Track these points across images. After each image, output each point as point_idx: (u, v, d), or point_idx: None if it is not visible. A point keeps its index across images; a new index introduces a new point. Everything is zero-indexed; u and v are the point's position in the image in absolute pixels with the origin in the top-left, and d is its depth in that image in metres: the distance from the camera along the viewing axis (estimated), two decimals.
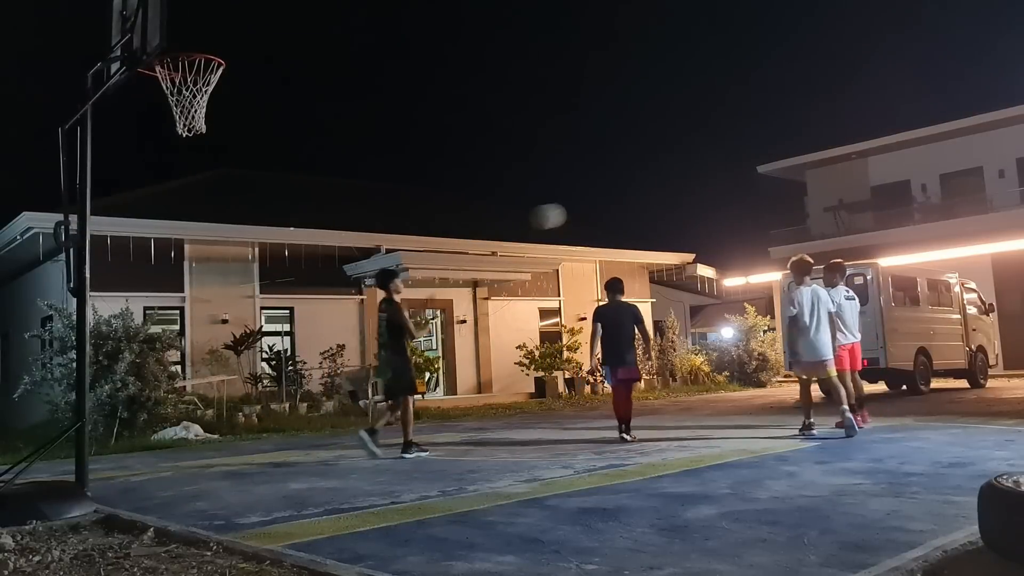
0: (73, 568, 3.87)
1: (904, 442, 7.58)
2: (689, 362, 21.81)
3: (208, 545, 4.14)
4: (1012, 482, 3.40)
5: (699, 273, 25.10)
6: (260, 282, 16.37)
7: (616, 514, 4.65)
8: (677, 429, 10.07)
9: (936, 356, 14.99)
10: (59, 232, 5.94)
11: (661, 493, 5.34)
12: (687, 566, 3.48)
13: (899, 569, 3.26)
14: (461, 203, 25.89)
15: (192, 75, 7.09)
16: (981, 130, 24.61)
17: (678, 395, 18.66)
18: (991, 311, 18.06)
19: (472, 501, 5.32)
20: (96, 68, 5.83)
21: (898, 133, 26.39)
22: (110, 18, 5.92)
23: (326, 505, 5.39)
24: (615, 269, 22.68)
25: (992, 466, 5.64)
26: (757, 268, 25.25)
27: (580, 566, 3.54)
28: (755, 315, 21.38)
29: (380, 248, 17.69)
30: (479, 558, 3.76)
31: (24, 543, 4.36)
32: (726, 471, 6.23)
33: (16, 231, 14.97)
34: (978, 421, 9.30)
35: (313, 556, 3.82)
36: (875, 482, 5.37)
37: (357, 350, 17.16)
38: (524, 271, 19.56)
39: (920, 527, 3.98)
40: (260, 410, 13.70)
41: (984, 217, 22.48)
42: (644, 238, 24.94)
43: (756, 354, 20.85)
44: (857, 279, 14.67)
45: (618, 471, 6.45)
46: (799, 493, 5.08)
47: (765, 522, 4.26)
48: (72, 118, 5.84)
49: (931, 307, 15.61)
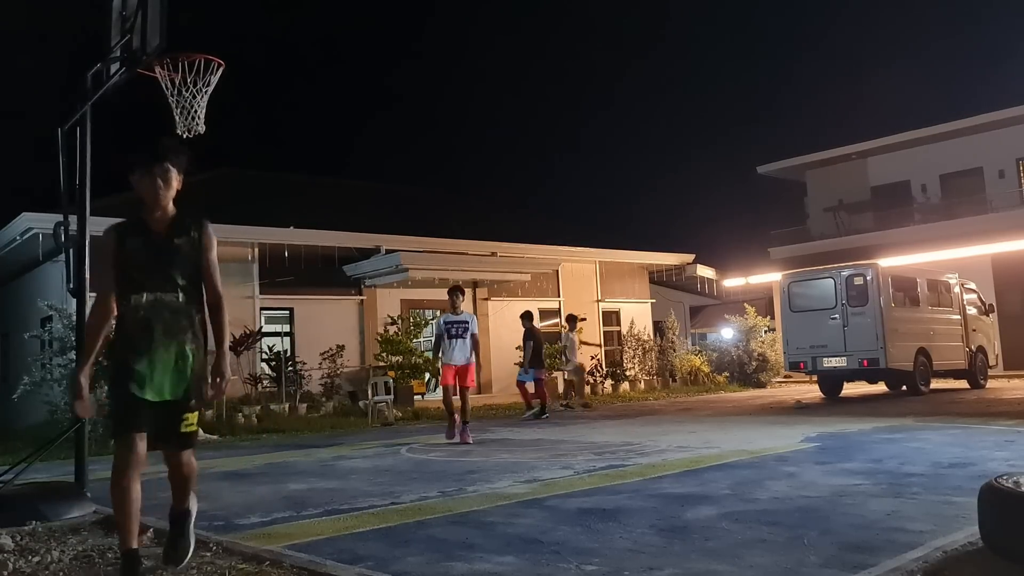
0: (73, 568, 3.86)
1: (904, 443, 7.58)
2: (689, 363, 21.81)
3: (208, 546, 4.14)
4: (1012, 483, 3.40)
5: (699, 273, 25.10)
6: (260, 282, 16.37)
7: (616, 514, 4.65)
8: (677, 429, 10.06)
9: (936, 356, 14.99)
10: (59, 232, 5.93)
11: (661, 493, 5.33)
12: (687, 567, 3.48)
13: (899, 569, 3.25)
14: (461, 203, 25.87)
15: (192, 75, 7.09)
16: (981, 130, 24.60)
17: (678, 395, 18.66)
18: (991, 311, 18.06)
19: (472, 501, 5.32)
20: (96, 68, 5.82)
21: (898, 133, 26.38)
22: (110, 18, 5.91)
23: (326, 506, 5.39)
24: (615, 269, 22.71)
25: (992, 467, 5.64)
26: (757, 268, 25.25)
27: (580, 566, 3.54)
28: (755, 316, 21.38)
29: (380, 248, 17.68)
30: (479, 558, 3.76)
31: (24, 544, 4.36)
32: (726, 471, 6.22)
33: (16, 231, 14.96)
34: (978, 422, 9.29)
35: (313, 557, 3.82)
36: (875, 483, 5.36)
37: (357, 351, 17.15)
38: (524, 271, 19.54)
39: (920, 527, 3.98)
40: (260, 411, 13.70)
41: (984, 217, 22.48)
42: (644, 238, 24.95)
43: (756, 354, 20.85)
44: (857, 279, 14.71)
45: (618, 471, 6.44)
46: (799, 494, 5.08)
47: (765, 523, 4.26)
48: (72, 118, 5.83)
49: (931, 308, 15.62)
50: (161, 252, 3.44)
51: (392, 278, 17.12)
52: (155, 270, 3.41)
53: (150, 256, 3.42)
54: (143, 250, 3.43)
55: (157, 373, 3.36)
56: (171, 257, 3.44)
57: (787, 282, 16.15)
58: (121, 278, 3.42)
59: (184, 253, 3.46)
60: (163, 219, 3.48)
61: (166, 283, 3.42)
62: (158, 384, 3.36)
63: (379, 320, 17.25)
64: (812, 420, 10.42)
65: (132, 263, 3.41)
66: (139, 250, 3.42)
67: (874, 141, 26.81)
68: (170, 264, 3.43)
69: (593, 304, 22.11)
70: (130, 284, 3.41)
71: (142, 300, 3.39)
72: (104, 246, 3.42)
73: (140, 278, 3.41)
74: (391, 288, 17.77)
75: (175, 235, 3.47)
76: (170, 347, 3.39)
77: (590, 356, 20.19)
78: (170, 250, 3.44)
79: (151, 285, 3.40)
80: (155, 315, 3.39)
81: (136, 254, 3.42)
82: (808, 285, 15.62)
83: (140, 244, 3.43)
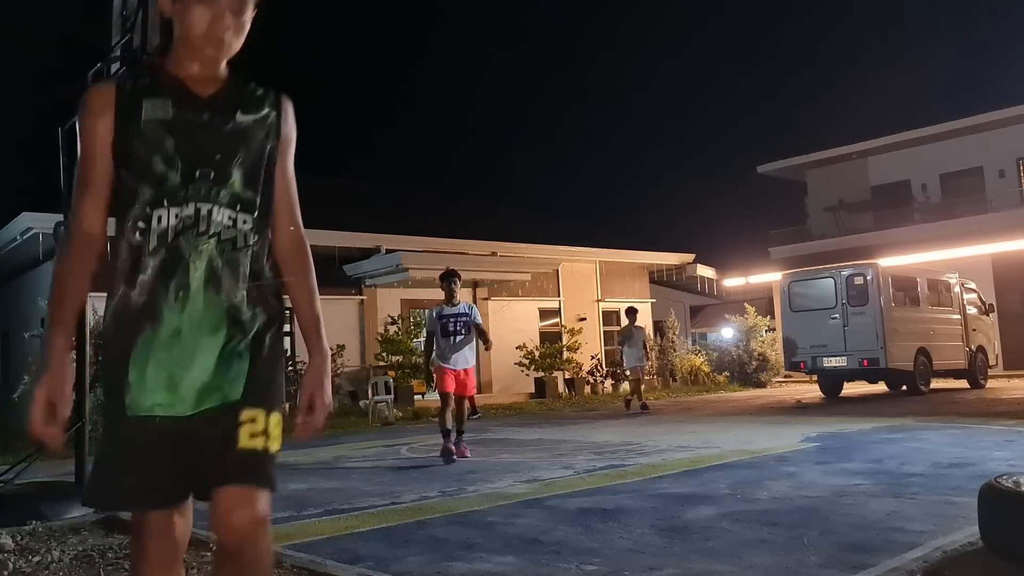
0: (73, 568, 3.86)
1: (904, 442, 7.58)
2: (689, 362, 21.81)
3: (208, 545, 4.13)
4: (1012, 482, 3.40)
5: (699, 273, 25.12)
6: None
7: (616, 514, 4.65)
8: (677, 429, 10.06)
9: (936, 356, 14.99)
10: (59, 232, 5.93)
11: (661, 493, 5.33)
12: (687, 567, 3.48)
13: (899, 569, 3.25)
14: (461, 203, 25.87)
15: None
16: (981, 130, 24.60)
17: (678, 395, 18.65)
18: (991, 311, 18.05)
19: (472, 501, 5.32)
20: (96, 68, 5.82)
21: (898, 133, 26.39)
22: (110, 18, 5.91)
23: (326, 505, 5.39)
24: (615, 269, 22.72)
25: (992, 466, 5.64)
26: (757, 268, 25.27)
27: (580, 566, 3.54)
28: (755, 315, 21.38)
29: (380, 248, 17.69)
30: (479, 558, 3.76)
31: (24, 543, 4.36)
32: (726, 471, 6.22)
33: (16, 231, 14.97)
34: (978, 421, 9.29)
35: (313, 556, 3.82)
36: (875, 483, 5.36)
37: (357, 350, 17.16)
38: (524, 271, 19.56)
39: (920, 527, 3.98)
40: None
41: (984, 217, 22.48)
42: (644, 238, 24.97)
43: (756, 354, 20.85)
44: (857, 279, 14.71)
45: (618, 471, 6.45)
46: (799, 494, 5.08)
47: (765, 523, 4.26)
48: (72, 118, 5.83)
49: (931, 307, 15.62)
50: (212, 133, 1.74)
51: (392, 278, 17.13)
52: (198, 164, 1.71)
53: (189, 138, 1.72)
54: (176, 127, 1.71)
55: (194, 362, 1.71)
56: (230, 145, 1.74)
57: (787, 282, 16.15)
58: (124, 182, 1.71)
59: (255, 142, 1.78)
60: (214, 78, 1.76)
61: (217, 191, 1.72)
62: (193, 382, 1.71)
63: (379, 320, 17.26)
64: (812, 420, 10.42)
65: (152, 150, 1.70)
66: (168, 126, 1.71)
67: (874, 141, 26.81)
68: (228, 157, 1.74)
69: (593, 304, 22.12)
70: (143, 192, 1.70)
71: (168, 222, 1.70)
72: (87, 114, 1.73)
73: (167, 180, 1.70)
74: (391, 288, 17.77)
75: (237, 107, 1.77)
76: (219, 312, 1.73)
77: (590, 356, 20.21)
78: (228, 131, 1.75)
79: (188, 194, 1.71)
80: (193, 251, 1.71)
81: (160, 133, 1.70)
82: (808, 285, 15.62)
83: (171, 115, 1.71)
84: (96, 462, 1.81)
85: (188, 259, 1.71)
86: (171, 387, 1.71)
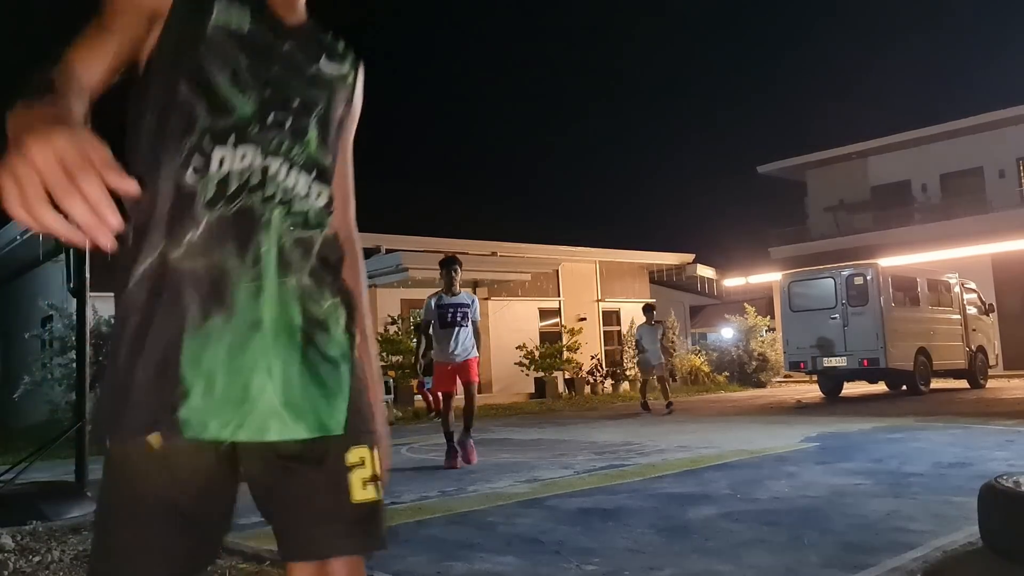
0: (73, 568, 3.86)
1: (904, 442, 7.58)
2: (689, 362, 21.81)
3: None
4: (1012, 482, 3.40)
5: (699, 273, 25.13)
6: None
7: (616, 514, 4.65)
8: (677, 429, 10.06)
9: (936, 356, 15.00)
10: None
11: (661, 493, 5.33)
12: (687, 566, 3.48)
13: (899, 569, 3.26)
14: (461, 203, 25.86)
15: None
16: (981, 130, 24.63)
17: (678, 395, 18.59)
18: (991, 311, 18.07)
19: (472, 501, 5.32)
20: None
21: (898, 133, 26.42)
22: None
23: None
24: (615, 269, 22.73)
25: (992, 466, 5.64)
26: (757, 268, 25.28)
27: (580, 566, 3.54)
28: (755, 315, 21.39)
29: (380, 248, 17.70)
30: (479, 558, 3.76)
31: (24, 543, 4.36)
32: (726, 471, 6.22)
33: (16, 231, 14.97)
34: (978, 421, 9.29)
35: None
36: (875, 482, 5.36)
37: None
38: (524, 271, 19.57)
39: (920, 527, 3.98)
40: None
41: (984, 217, 22.50)
42: (644, 238, 25.05)
43: (756, 354, 20.85)
44: (857, 279, 14.72)
45: (618, 471, 6.45)
46: (799, 493, 5.08)
47: (765, 522, 4.26)
48: None
49: (931, 307, 15.62)
50: (292, 71, 1.27)
51: (392, 278, 17.14)
52: (272, 106, 1.21)
53: (266, 67, 1.22)
54: (251, 47, 1.21)
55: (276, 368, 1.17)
56: (312, 92, 1.29)
57: (787, 282, 16.16)
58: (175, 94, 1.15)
59: (335, 100, 1.34)
60: (296, 6, 1.31)
61: (290, 146, 1.23)
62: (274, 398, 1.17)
63: (379, 320, 17.26)
64: (812, 420, 10.42)
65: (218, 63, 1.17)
66: (241, 42, 1.20)
67: (874, 141, 26.84)
68: (308, 107, 1.28)
69: (593, 304, 22.13)
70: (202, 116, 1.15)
71: (233, 166, 1.16)
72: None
73: (236, 109, 1.18)
74: (391, 288, 17.78)
75: (322, 51, 1.33)
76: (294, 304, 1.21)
77: (590, 356, 20.21)
78: (312, 76, 1.30)
79: (260, 134, 1.19)
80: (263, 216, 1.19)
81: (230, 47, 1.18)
82: (808, 285, 15.63)
83: (246, 29, 1.20)
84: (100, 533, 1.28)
85: (260, 224, 1.18)
86: (246, 402, 1.15)
